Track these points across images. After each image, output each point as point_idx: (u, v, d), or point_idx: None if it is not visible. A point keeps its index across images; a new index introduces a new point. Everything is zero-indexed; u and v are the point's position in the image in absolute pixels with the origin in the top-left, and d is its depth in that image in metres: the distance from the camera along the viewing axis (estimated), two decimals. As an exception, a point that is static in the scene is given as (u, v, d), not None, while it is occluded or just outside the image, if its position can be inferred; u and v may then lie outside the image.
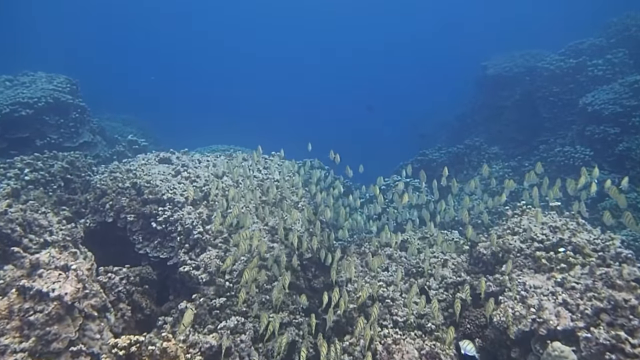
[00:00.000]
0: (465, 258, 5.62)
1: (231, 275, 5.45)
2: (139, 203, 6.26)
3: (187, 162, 7.26)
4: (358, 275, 5.42)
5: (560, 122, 15.95)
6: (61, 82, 11.94)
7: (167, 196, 6.17)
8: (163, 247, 5.96)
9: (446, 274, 5.17)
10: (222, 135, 22.97)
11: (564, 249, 4.48)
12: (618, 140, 12.27)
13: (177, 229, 5.86)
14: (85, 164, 8.10)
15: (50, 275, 3.71)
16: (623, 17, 17.34)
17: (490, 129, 19.46)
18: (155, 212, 6.05)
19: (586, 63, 15.63)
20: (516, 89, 18.17)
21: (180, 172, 6.77)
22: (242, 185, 6.65)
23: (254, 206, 6.35)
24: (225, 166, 7.05)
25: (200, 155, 7.89)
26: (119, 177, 6.66)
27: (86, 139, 12.47)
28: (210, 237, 5.83)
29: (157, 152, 7.80)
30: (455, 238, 6.56)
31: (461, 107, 23.16)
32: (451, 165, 14.46)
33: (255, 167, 7.44)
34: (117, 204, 6.31)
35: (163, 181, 6.46)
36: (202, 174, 6.70)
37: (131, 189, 6.46)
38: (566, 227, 4.79)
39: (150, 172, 6.70)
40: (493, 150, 14.10)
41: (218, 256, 5.56)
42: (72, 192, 7.52)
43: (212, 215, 6.07)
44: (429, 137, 25.52)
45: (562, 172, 13.06)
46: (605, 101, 12.89)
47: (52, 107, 11.38)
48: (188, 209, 6.10)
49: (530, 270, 4.38)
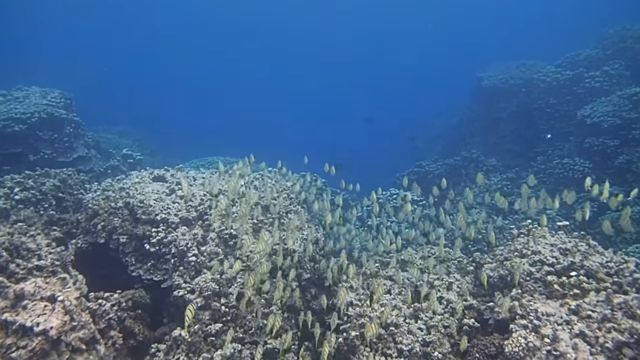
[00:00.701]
0: (470, 279, 5.43)
1: (227, 299, 5.24)
2: (131, 224, 6.05)
3: (182, 179, 7.06)
4: (360, 299, 5.22)
5: (557, 134, 15.88)
6: (55, 97, 11.75)
7: (161, 216, 5.97)
8: (157, 269, 5.75)
9: (451, 297, 4.98)
10: (219, 145, 22.75)
11: (576, 273, 4.30)
12: (617, 152, 12.18)
13: (171, 250, 5.65)
14: (77, 182, 7.89)
15: (35, 307, 3.50)
16: (619, 28, 17.37)
17: (486, 140, 19.39)
18: (148, 233, 5.84)
19: (583, 75, 15.61)
20: (512, 101, 18.13)
21: (174, 191, 6.58)
22: (239, 205, 6.46)
23: (250, 225, 6.15)
24: (221, 184, 6.87)
25: (195, 172, 7.70)
26: (111, 196, 6.45)
27: (80, 154, 12.27)
28: (205, 259, 5.62)
29: (152, 170, 7.60)
30: (458, 256, 6.37)
31: (456, 117, 23.12)
32: (448, 177, 14.24)
33: (252, 183, 7.26)
34: (109, 224, 6.10)
35: (157, 201, 6.26)
36: (197, 193, 6.50)
37: (124, 209, 6.25)
38: (576, 249, 4.61)
39: (144, 191, 6.50)
40: (491, 162, 13.99)
41: (214, 279, 5.35)
42: (64, 211, 7.31)
43: (207, 235, 5.87)
44: (424, 148, 25.38)
45: (561, 185, 12.94)
46: (604, 113, 12.83)
47: (46, 122, 11.18)
48: (182, 230, 5.90)
49: (542, 295, 4.19)
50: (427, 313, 4.68)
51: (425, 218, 10.27)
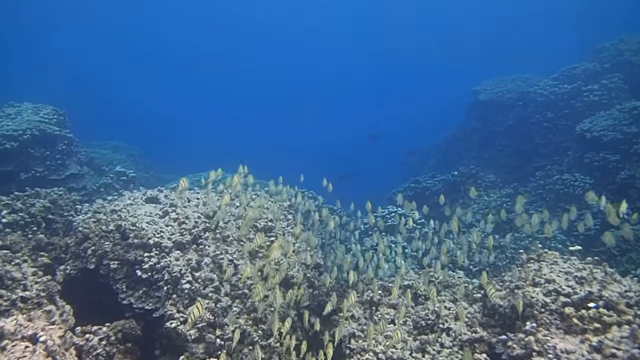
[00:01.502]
0: (478, 308, 5.19)
1: (222, 330, 4.97)
2: (123, 248, 5.78)
3: (176, 200, 6.81)
4: (362, 329, 4.96)
5: (555, 148, 15.77)
6: (48, 113, 11.51)
7: (154, 240, 5.70)
8: (149, 297, 5.47)
9: (460, 329, 4.73)
10: (215, 157, 22.35)
11: (595, 304, 4.06)
12: (619, 167, 12.02)
13: (164, 277, 5.38)
14: (68, 202, 7.62)
15: (15, 349, 3.23)
16: (615, 41, 17.35)
17: (481, 154, 19.26)
18: (140, 259, 5.57)
19: (581, 88, 15.54)
20: (509, 115, 18.03)
21: (168, 213, 6.32)
22: (234, 226, 6.21)
23: (247, 251, 5.90)
24: (216, 205, 6.63)
25: (190, 193, 7.45)
26: (102, 219, 6.19)
27: (73, 171, 12.01)
28: (200, 285, 5.36)
29: (145, 190, 7.35)
30: (463, 281, 6.12)
31: (450, 130, 23.02)
32: (446, 194, 14.05)
33: (246, 202, 7.01)
34: (99, 249, 5.83)
35: (150, 224, 6.00)
36: (192, 215, 6.25)
37: (115, 232, 5.99)
38: (593, 277, 4.39)
39: (136, 213, 6.24)
40: (489, 178, 13.79)
41: (209, 308, 5.08)
42: (54, 233, 7.03)
43: (201, 260, 5.61)
44: (418, 161, 25.13)
45: (561, 201, 12.77)
46: (604, 127, 12.70)
47: (38, 140, 10.93)
48: (176, 254, 5.63)
49: (559, 330, 3.95)
50: (435, 346, 4.43)
51: (426, 237, 10.09)
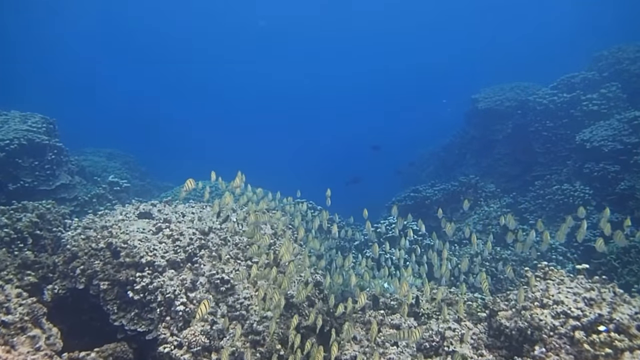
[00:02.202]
0: (483, 328, 4.99)
1: (219, 354, 4.74)
2: (114, 267, 5.55)
3: (170, 215, 6.59)
4: (365, 352, 4.75)
5: (554, 157, 15.65)
6: (36, 122, 11.27)
7: (147, 259, 5.47)
8: (141, 318, 5.23)
9: (466, 352, 4.53)
10: (212, 163, 22.17)
11: (605, 327, 3.88)
12: (619, 178, 11.91)
13: (157, 298, 5.15)
14: (57, 216, 7.36)
15: (-7, 386, 3.00)
16: (614, 50, 17.29)
17: (480, 162, 19.20)
18: (132, 279, 5.34)
19: (580, 97, 15.44)
20: (508, 123, 17.94)
21: (161, 229, 6.09)
22: (231, 243, 5.99)
23: (244, 268, 5.68)
24: (213, 220, 6.42)
25: (185, 207, 7.23)
26: (92, 236, 5.95)
27: (63, 181, 11.76)
28: (195, 307, 5.13)
29: (137, 204, 7.12)
30: (467, 298, 5.93)
31: (448, 137, 22.96)
32: (446, 204, 13.98)
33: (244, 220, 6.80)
34: (89, 268, 5.60)
35: (142, 241, 5.77)
36: (186, 231, 6.02)
37: (106, 250, 5.75)
38: (602, 298, 4.20)
39: (128, 229, 6.01)
40: (490, 188, 13.64)
41: (204, 332, 4.86)
42: (42, 250, 6.78)
43: (197, 280, 5.38)
44: (416, 168, 25.09)
45: (561, 211, 12.64)
46: (604, 137, 12.59)
47: (26, 149, 10.69)
48: (170, 274, 5.40)
49: (570, 355, 3.76)
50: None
51: (427, 250, 9.89)
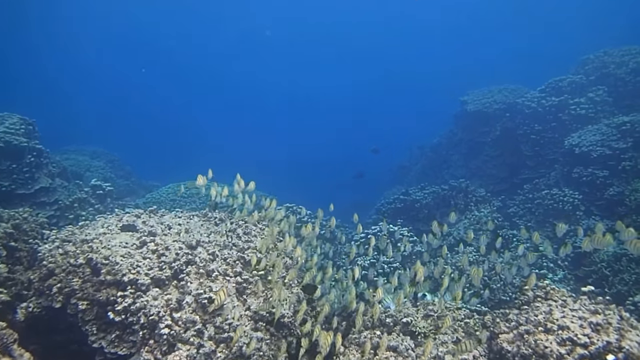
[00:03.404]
0: (482, 351, 4.80)
1: (206, 381, 4.48)
2: (93, 286, 5.23)
3: (155, 227, 6.26)
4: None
5: (543, 161, 15.71)
6: (14, 124, 10.79)
7: (129, 277, 5.16)
8: (122, 341, 4.93)
9: (466, 379, 4.34)
10: (198, 161, 21.72)
11: (614, 357, 3.72)
12: (607, 183, 11.90)
13: (140, 320, 4.85)
14: (34, 227, 6.99)
15: None
16: (600, 54, 17.39)
17: (468, 164, 19.23)
18: (113, 299, 5.02)
19: (568, 101, 15.47)
20: (496, 126, 17.96)
21: (146, 243, 5.77)
22: (219, 258, 5.71)
23: (233, 285, 5.41)
24: (201, 233, 6.12)
25: (171, 217, 6.91)
26: (71, 251, 5.61)
27: (43, 185, 11.33)
28: (180, 329, 4.84)
29: (121, 215, 6.78)
30: (464, 315, 5.73)
31: (436, 137, 23.03)
32: (436, 208, 13.86)
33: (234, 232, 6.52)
34: (66, 286, 5.26)
35: (125, 257, 5.45)
36: (172, 245, 5.72)
37: (85, 267, 5.42)
38: (608, 322, 4.04)
39: (110, 244, 5.68)
40: (480, 192, 13.55)
41: (189, 356, 4.58)
42: (17, 262, 6.41)
43: (182, 299, 5.09)
44: (406, 168, 25.12)
45: (550, 216, 12.61)
46: (592, 142, 12.58)
47: (3, 152, 10.25)
48: (154, 293, 5.10)
49: (579, 389, 3.60)
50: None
51: (418, 256, 9.71)
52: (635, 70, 15.61)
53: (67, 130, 29.63)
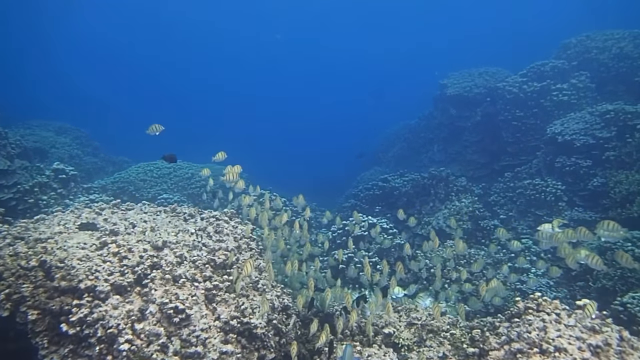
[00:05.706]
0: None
1: (170, 404, 4.06)
2: (46, 292, 4.70)
3: (118, 225, 5.73)
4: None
5: (524, 147, 15.53)
6: (-33, 102, 9.94)
7: (86, 284, 4.65)
8: (77, 355, 4.44)
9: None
10: (171, 143, 20.75)
11: (615, 384, 3.45)
12: (591, 174, 11.75)
13: (97, 333, 4.37)
14: (-16, 220, 6.37)
15: None
16: (582, 38, 17.12)
17: (447, 148, 19.04)
18: (67, 309, 4.52)
19: (550, 87, 15.21)
20: (477, 110, 17.70)
21: (106, 244, 5.24)
22: (188, 260, 5.24)
23: (202, 292, 4.96)
24: (168, 232, 5.62)
25: (136, 212, 6.36)
26: (22, 252, 5.05)
27: (2, 167, 10.59)
28: (142, 342, 4.39)
29: (79, 211, 6.19)
30: (449, 325, 5.42)
31: (415, 119, 22.77)
32: (416, 196, 13.57)
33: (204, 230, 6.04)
34: (15, 292, 4.73)
35: (82, 260, 4.92)
36: (136, 247, 5.20)
37: (38, 270, 4.88)
38: (608, 344, 3.77)
39: (66, 245, 5.13)
40: (461, 182, 13.29)
41: (153, 375, 4.15)
42: (-37, 261, 5.81)
43: (146, 308, 4.62)
44: (380, 150, 24.69)
45: (532, 207, 12.45)
46: (576, 131, 12.39)
47: (-46, 133, 9.43)
48: (114, 301, 4.61)
49: (579, 421, 3.32)
50: None
51: (397, 249, 9.43)
52: (618, 55, 15.41)
53: (31, 104, 28.18)
